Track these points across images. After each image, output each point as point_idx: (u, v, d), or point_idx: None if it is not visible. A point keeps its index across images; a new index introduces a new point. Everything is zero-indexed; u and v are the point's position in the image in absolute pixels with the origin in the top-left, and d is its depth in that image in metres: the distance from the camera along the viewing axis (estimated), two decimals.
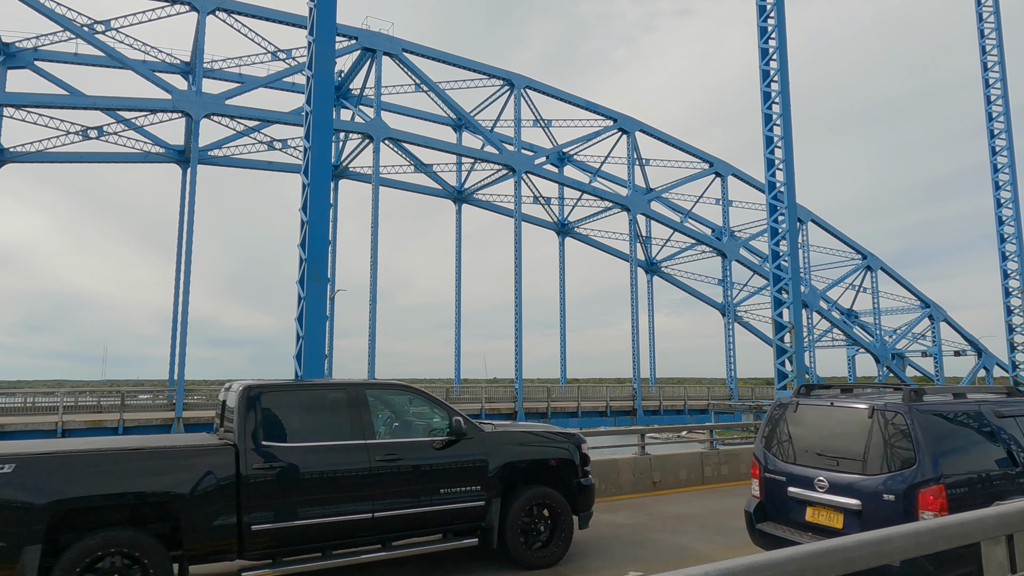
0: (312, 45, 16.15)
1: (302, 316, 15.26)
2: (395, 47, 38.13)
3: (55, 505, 5.77)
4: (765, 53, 29.86)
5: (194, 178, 33.12)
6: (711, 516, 11.98)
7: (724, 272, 51.61)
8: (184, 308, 32.22)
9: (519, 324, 40.82)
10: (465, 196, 47.26)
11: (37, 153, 36.20)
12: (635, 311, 45.70)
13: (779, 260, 29.24)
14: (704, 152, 50.27)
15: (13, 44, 35.90)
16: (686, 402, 44.68)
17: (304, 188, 15.86)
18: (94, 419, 28.03)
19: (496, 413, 37.40)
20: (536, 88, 43.45)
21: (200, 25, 34.18)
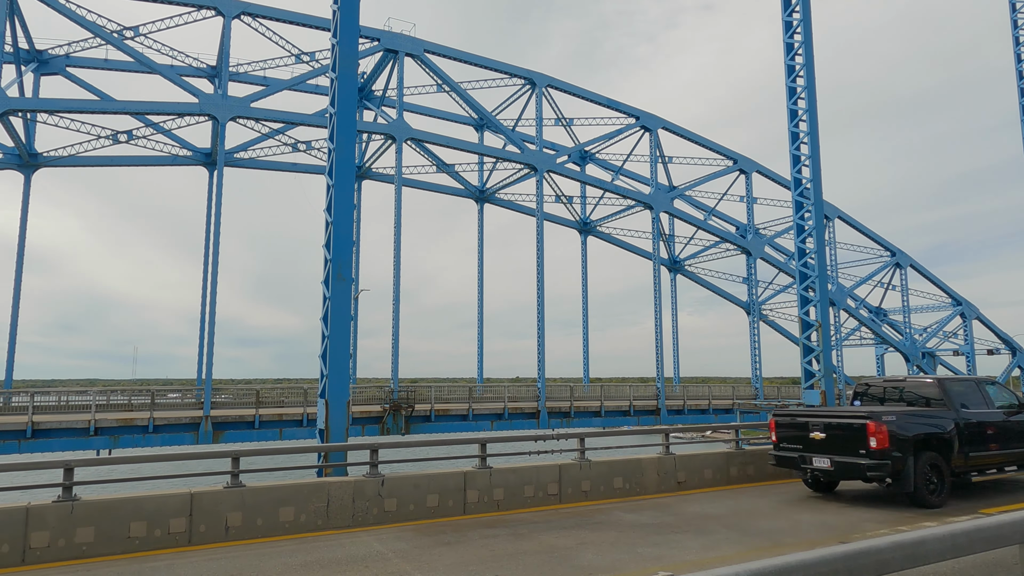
0: (336, 47, 16.30)
1: (327, 316, 15.41)
2: (417, 48, 38.32)
3: (915, 438, 12.48)
4: (790, 48, 29.46)
5: (220, 180, 33.62)
6: (738, 516, 11.87)
7: (749, 270, 51.03)
8: (212, 308, 32.72)
9: (541, 323, 40.79)
10: (487, 196, 47.35)
11: (69, 157, 37.03)
12: (658, 310, 45.40)
13: (805, 257, 28.82)
14: (728, 149, 49.76)
15: (46, 51, 36.77)
16: (711, 402, 44.23)
17: (329, 189, 16.01)
18: (125, 417, 28.61)
19: (519, 412, 37.42)
20: (558, 87, 43.36)
21: (226, 29, 34.68)
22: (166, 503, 10.27)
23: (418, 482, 12.14)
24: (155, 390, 33.39)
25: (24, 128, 35.86)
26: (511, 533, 10.75)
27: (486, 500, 12.64)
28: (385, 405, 33.29)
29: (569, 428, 37.67)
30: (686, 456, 15.30)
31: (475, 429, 35.00)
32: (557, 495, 13.37)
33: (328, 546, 10.07)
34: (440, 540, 10.35)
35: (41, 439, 26.86)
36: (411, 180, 44.75)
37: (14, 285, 35.89)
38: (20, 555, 9.30)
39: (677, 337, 53.17)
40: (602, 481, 13.94)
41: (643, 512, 12.29)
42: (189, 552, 9.84)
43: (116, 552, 9.73)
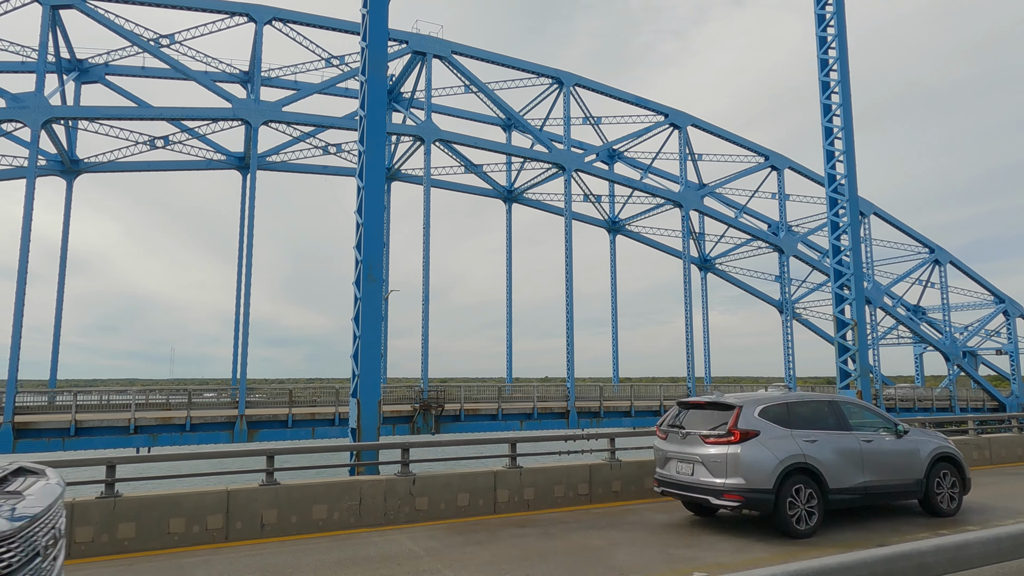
0: (365, 51, 16.47)
1: (358, 316, 15.58)
2: (444, 49, 38.52)
3: None
4: (823, 42, 28.91)
5: (253, 183, 34.24)
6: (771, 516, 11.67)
7: (781, 268, 50.22)
8: (245, 309, 33.34)
9: (570, 322, 40.68)
10: (515, 195, 47.39)
11: (109, 163, 38.06)
12: (688, 308, 44.94)
13: (840, 255, 28.27)
14: (759, 145, 49.04)
15: (87, 60, 37.84)
16: None
17: (359, 191, 16.19)
18: (164, 416, 29.32)
19: (548, 412, 37.38)
20: (585, 85, 43.21)
21: (257, 35, 35.30)
22: (204, 500, 10.49)
23: (449, 481, 12.21)
24: (192, 389, 34.13)
25: (66, 135, 36.97)
26: (542, 532, 10.75)
27: (516, 500, 12.65)
28: (415, 405, 33.53)
29: (599, 428, 37.50)
30: None
31: (504, 429, 35.05)
32: (587, 495, 13.32)
33: (361, 544, 10.18)
34: (471, 539, 10.39)
35: (84, 437, 27.66)
36: (439, 181, 45.02)
37: (57, 288, 37.04)
38: (66, 549, 9.58)
39: (708, 336, 52.58)
40: (633, 481, 13.84)
41: (675, 512, 12.18)
42: (226, 548, 10.04)
43: (156, 548, 9.97)
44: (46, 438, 27.34)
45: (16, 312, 29.03)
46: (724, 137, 47.81)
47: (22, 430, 26.99)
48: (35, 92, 30.31)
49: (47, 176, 37.38)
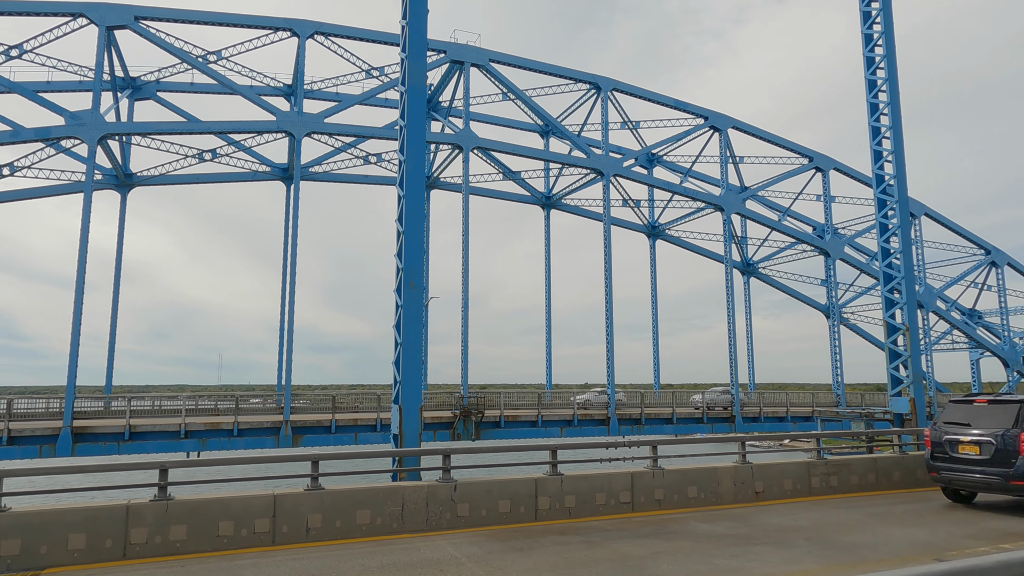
0: (404, 62, 16.71)
1: (399, 323, 15.76)
2: (482, 58, 38.81)
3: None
4: (869, 39, 28.18)
5: (297, 194, 35.01)
6: (820, 529, 11.38)
7: (827, 272, 48.97)
8: (290, 317, 34.06)
9: (610, 328, 40.39)
10: (553, 201, 47.36)
11: (160, 176, 39.42)
12: (731, 314, 44.15)
13: (890, 258, 27.42)
14: (802, 146, 48.00)
15: (139, 78, 39.32)
16: (788, 409, 42.59)
17: (400, 200, 16.40)
18: (212, 421, 30.12)
19: (588, 419, 37.12)
20: (623, 90, 42.98)
21: (300, 49, 36.15)
22: (251, 504, 10.74)
23: (490, 488, 12.24)
24: (239, 395, 34.98)
25: (120, 150, 38.44)
26: (583, 541, 10.68)
27: (557, 507, 12.61)
28: (455, 411, 33.71)
29: (640, 435, 37.09)
30: (764, 465, 14.80)
31: (544, 435, 34.93)
32: (629, 503, 13.19)
33: (403, 549, 10.28)
34: (513, 546, 10.39)
35: (137, 441, 28.60)
36: (478, 188, 45.29)
37: (112, 297, 38.46)
38: (122, 550, 9.93)
39: (751, 341, 51.52)
40: (675, 490, 13.66)
41: (719, 522, 11.97)
42: (273, 551, 10.25)
43: (206, 550, 10.25)
44: (102, 442, 28.36)
45: (75, 321, 30.24)
46: (766, 139, 46.96)
47: (80, 434, 28.05)
48: (92, 110, 31.61)
49: (103, 190, 38.90)
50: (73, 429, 27.82)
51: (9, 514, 9.59)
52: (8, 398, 28.32)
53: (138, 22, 32.98)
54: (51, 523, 9.72)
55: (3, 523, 9.49)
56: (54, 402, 30.07)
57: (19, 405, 29.11)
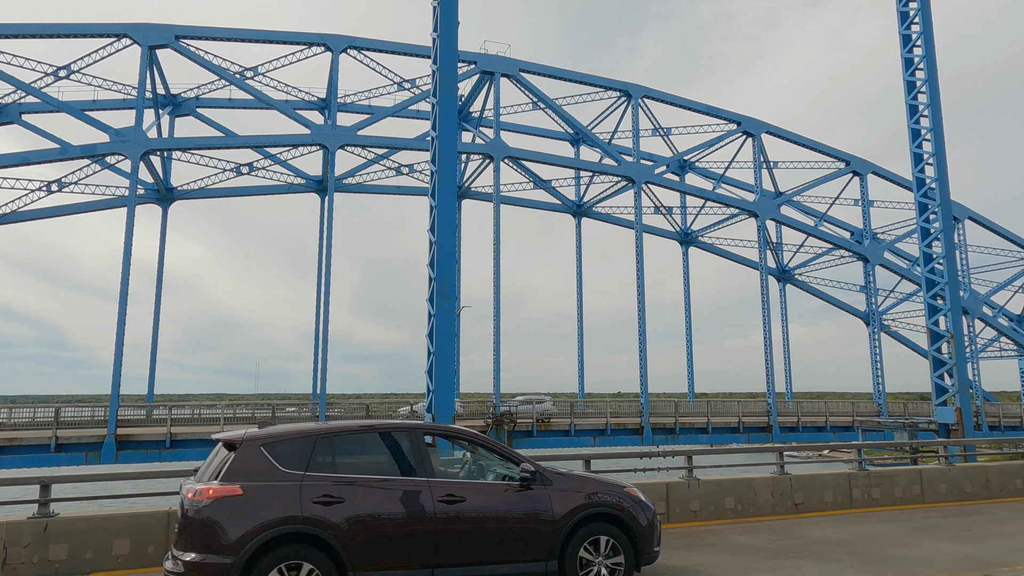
0: (436, 74, 16.92)
1: (432, 332, 15.88)
2: (512, 68, 39.04)
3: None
4: (907, 40, 27.61)
5: (331, 205, 35.58)
6: (862, 543, 11.07)
7: (867, 278, 47.83)
8: (325, 326, 34.55)
9: (643, 336, 40.02)
10: (584, 210, 47.26)
11: (200, 190, 40.48)
12: (767, 321, 43.40)
13: (932, 263, 26.70)
14: (839, 150, 47.10)
15: (180, 95, 40.50)
16: (828, 418, 41.61)
17: (432, 210, 16.56)
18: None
19: (622, 428, 36.80)
20: (654, 97, 42.78)
21: (334, 63, 36.84)
22: None
23: None
24: (275, 404, 35.60)
25: (162, 165, 39.60)
26: None
27: None
28: (488, 420, 33.74)
29: (675, 445, 36.62)
30: (803, 476, 14.46)
31: (577, 445, 34.72)
32: (664, 514, 13.00)
33: None
34: None
35: (178, 449, 29.26)
36: (509, 197, 45.44)
37: (154, 308, 39.53)
38: (164, 556, 10.13)
39: (788, 350, 50.51)
40: (712, 501, 13.43)
41: (757, 535, 11.73)
42: None
43: None
44: (144, 450, 29.09)
45: (118, 331, 31.14)
46: (801, 143, 46.21)
47: (124, 442, 28.82)
48: (135, 127, 32.65)
49: (145, 204, 40.07)
50: (117, 437, 28.58)
51: (57, 519, 9.89)
52: (56, 406, 29.28)
53: (179, 41, 33.99)
54: (97, 529, 9.98)
55: (52, 528, 9.78)
56: (99, 410, 30.96)
57: (66, 413, 30.04)
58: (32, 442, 27.35)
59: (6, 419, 29.26)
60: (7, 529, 9.61)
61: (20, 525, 9.70)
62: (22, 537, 9.66)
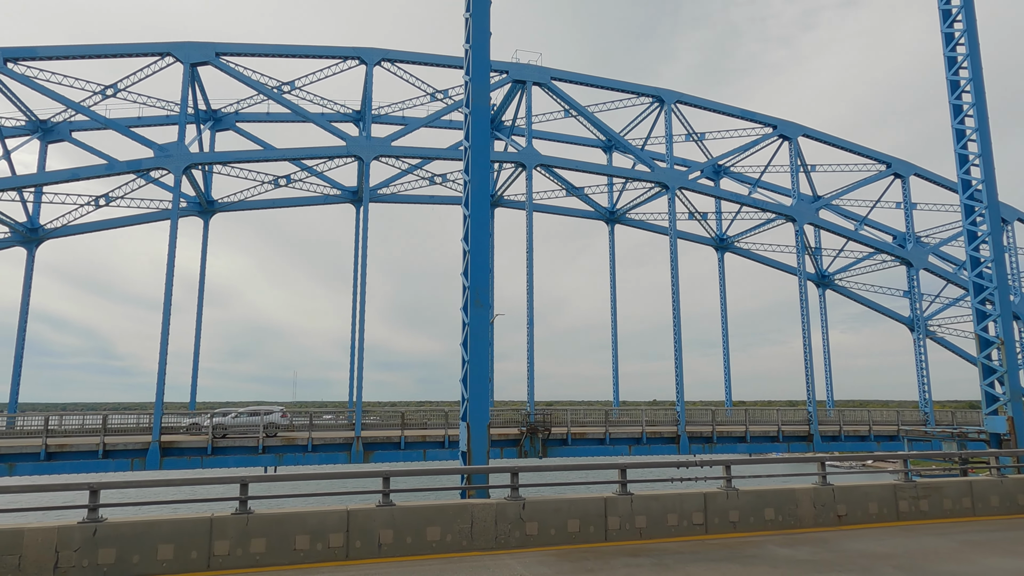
0: (468, 84, 17.06)
1: (467, 341, 15.94)
2: (544, 76, 39.14)
3: None
4: (950, 38, 26.88)
5: (366, 215, 36.05)
6: (911, 557, 10.73)
7: (910, 282, 46.52)
8: (360, 335, 34.95)
9: (678, 344, 39.54)
10: (618, 216, 47.02)
11: (240, 202, 41.45)
12: (806, 328, 42.46)
13: (980, 267, 25.84)
14: (879, 152, 46.01)
15: (220, 110, 41.59)
16: (871, 427, 40.46)
17: (465, 219, 16.66)
18: (288, 437, 31.13)
19: (657, 437, 36.35)
20: (687, 102, 42.42)
21: (368, 76, 37.42)
22: (326, 519, 11.03)
23: (558, 506, 12.14)
24: (312, 412, 36.07)
25: (203, 179, 40.68)
26: (656, 563, 10.43)
27: (628, 527, 12.37)
28: (522, 428, 33.66)
29: (712, 455, 36.01)
30: (846, 487, 14.09)
31: (612, 453, 34.39)
32: (703, 525, 12.81)
33: (473, 567, 10.30)
34: (583, 567, 10.25)
35: (219, 456, 29.87)
36: (542, 205, 45.49)
37: (196, 318, 40.49)
38: (206, 561, 10.36)
39: (828, 357, 49.36)
40: (751, 511, 13.18)
41: (798, 547, 11.46)
42: (347, 566, 10.47)
43: (284, 563, 10.56)
44: (187, 456, 29.77)
45: (162, 341, 31.99)
46: (839, 146, 45.27)
47: (167, 449, 29.54)
48: (177, 142, 33.62)
49: (187, 216, 41.18)
50: (161, 444, 29.31)
51: (106, 524, 10.18)
52: (103, 414, 30.15)
53: (219, 58, 34.94)
54: (143, 534, 10.25)
55: (101, 533, 10.08)
56: (144, 418, 31.81)
57: (112, 421, 30.93)
58: (81, 448, 28.22)
59: (57, 426, 30.25)
60: (59, 533, 9.93)
61: (71, 529, 10.02)
62: (73, 541, 9.97)
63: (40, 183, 34.69)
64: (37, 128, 38.72)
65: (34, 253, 38.22)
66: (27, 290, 37.90)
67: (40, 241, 38.38)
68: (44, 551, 9.76)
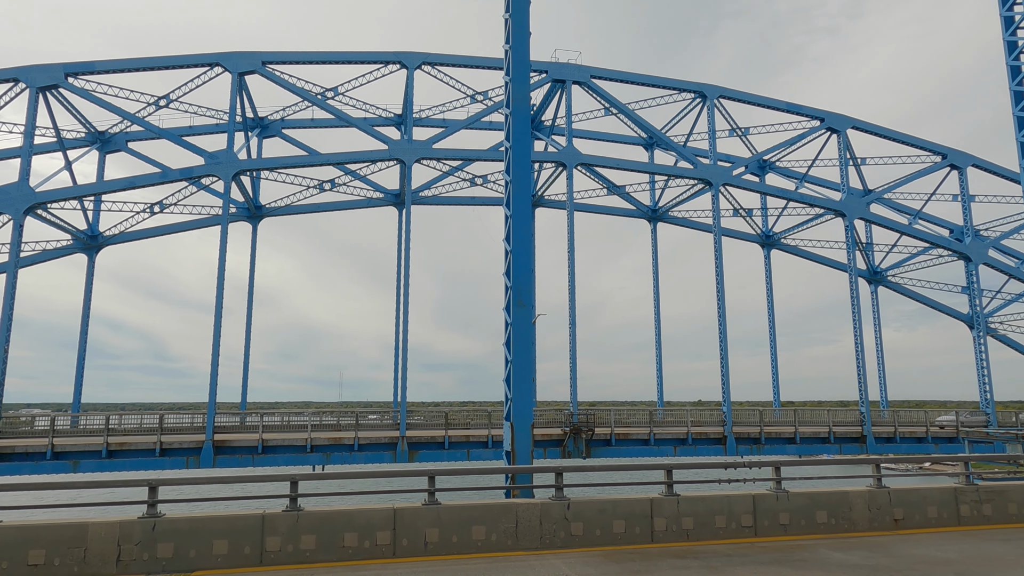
0: (509, 85, 17.11)
1: (509, 341, 15.98)
2: (583, 75, 38.96)
3: None
4: (1010, 22, 25.77)
5: (409, 218, 36.49)
6: (973, 564, 10.31)
7: (969, 278, 44.69)
8: (404, 336, 35.38)
9: (724, 343, 38.84)
10: (660, 214, 46.47)
11: (286, 207, 42.47)
12: (857, 326, 41.20)
13: None
14: (933, 143, 44.33)
15: (266, 117, 42.67)
16: (928, 429, 39.04)
17: (507, 220, 16.71)
18: (335, 436, 31.74)
19: (703, 438, 35.78)
20: (730, 96, 41.64)
21: (409, 80, 37.88)
22: (373, 517, 11.20)
23: (603, 507, 12.06)
24: (358, 411, 36.68)
25: (251, 185, 41.80)
26: (704, 566, 10.28)
27: (674, 529, 12.22)
28: (565, 428, 33.56)
29: (760, 456, 35.26)
30: (903, 490, 13.63)
31: (657, 454, 34.00)
32: (752, 527, 12.56)
33: (519, 567, 10.32)
34: (629, 568, 10.16)
35: (269, 454, 30.65)
36: (583, 204, 45.28)
37: (246, 320, 41.62)
38: (259, 557, 10.64)
39: (882, 355, 47.82)
40: (802, 514, 12.86)
41: (853, 551, 11.13)
42: (394, 564, 10.61)
43: (333, 559, 10.77)
44: (239, 455, 30.62)
45: (214, 343, 32.98)
46: (891, 137, 43.79)
47: (220, 447, 30.45)
48: (226, 149, 34.62)
49: (236, 222, 42.35)
50: (214, 443, 30.23)
51: (164, 520, 10.56)
52: (160, 413, 31.26)
53: (265, 66, 35.85)
54: (199, 529, 10.59)
55: (159, 528, 10.45)
56: (198, 417, 32.85)
57: (168, 420, 32.04)
58: (140, 446, 29.33)
59: (116, 425, 31.49)
60: (120, 528, 10.34)
61: (132, 524, 10.42)
62: (133, 535, 10.36)
63: (99, 192, 36.17)
64: (96, 139, 40.39)
65: (94, 259, 39.86)
66: (88, 295, 39.55)
67: (100, 248, 40.02)
68: (107, 544, 10.17)
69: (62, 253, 39.14)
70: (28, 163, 32.93)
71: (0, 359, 30.74)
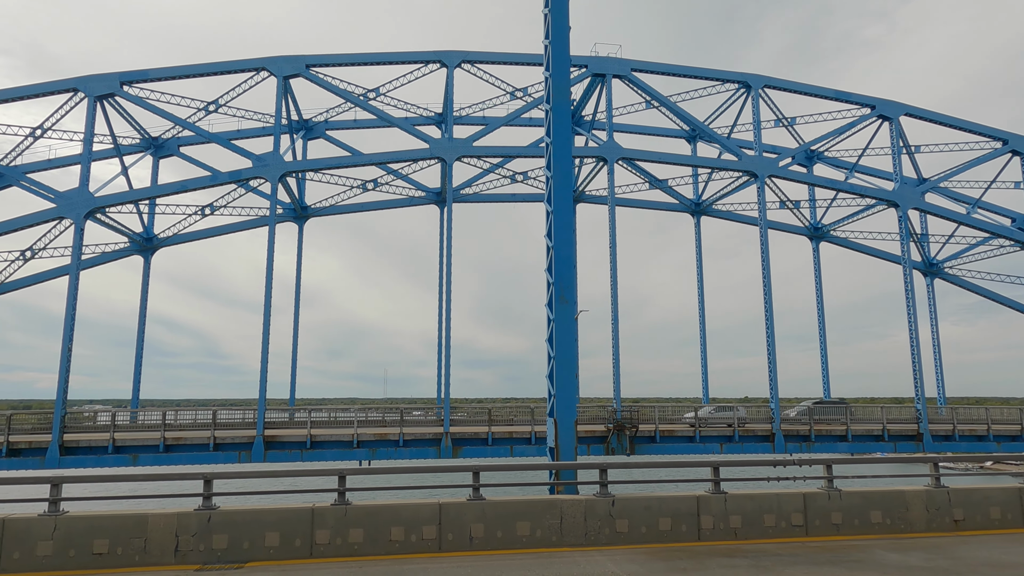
0: (548, 80, 17.04)
1: (552, 337, 15.95)
2: (624, 68, 38.56)
3: None
4: None
5: (450, 215, 36.75)
6: None
7: None
8: (447, 333, 35.68)
9: (771, 338, 38.00)
10: (704, 208, 45.71)
11: (331, 207, 43.26)
12: (912, 320, 39.78)
13: None
14: (993, 128, 42.43)
15: (311, 119, 43.52)
16: (990, 427, 37.41)
17: (548, 216, 16.67)
18: (380, 432, 32.23)
19: (751, 435, 35.10)
20: (775, 86, 40.62)
21: (449, 78, 38.11)
22: (419, 512, 11.34)
23: (649, 504, 11.95)
24: (403, 408, 37.16)
25: (296, 186, 42.70)
26: (753, 565, 10.09)
27: (722, 527, 12.02)
28: (609, 425, 33.35)
29: (810, 454, 34.40)
30: (964, 490, 13.12)
31: (702, 451, 33.50)
32: (802, 526, 12.27)
33: (564, 563, 10.30)
34: (675, 566, 10.05)
35: (317, 450, 31.31)
36: (624, 199, 44.86)
37: (293, 319, 42.58)
38: (308, 549, 10.90)
39: (939, 351, 46.13)
40: (856, 514, 12.50)
41: (910, 553, 10.77)
42: (439, 558, 10.73)
43: (380, 553, 10.95)
44: (288, 450, 31.39)
45: (263, 341, 33.84)
46: (947, 123, 42.06)
47: (270, 442, 31.25)
48: (273, 152, 35.44)
49: (283, 222, 43.34)
50: (264, 438, 31.03)
51: (219, 512, 10.90)
52: (213, 409, 32.26)
53: (309, 69, 36.55)
54: (252, 522, 10.90)
55: (215, 519, 10.80)
56: (248, 414, 33.77)
57: (221, 416, 33.03)
58: (195, 441, 30.32)
59: (172, 420, 32.62)
60: (178, 519, 10.71)
61: (189, 516, 10.79)
62: (190, 526, 10.72)
63: (153, 195, 37.46)
64: (150, 145, 41.85)
65: (150, 261, 41.34)
66: (144, 295, 41.05)
67: (155, 249, 41.47)
68: (166, 535, 10.56)
69: (120, 255, 40.71)
70: (88, 169, 34.33)
71: (64, 357, 32.15)
